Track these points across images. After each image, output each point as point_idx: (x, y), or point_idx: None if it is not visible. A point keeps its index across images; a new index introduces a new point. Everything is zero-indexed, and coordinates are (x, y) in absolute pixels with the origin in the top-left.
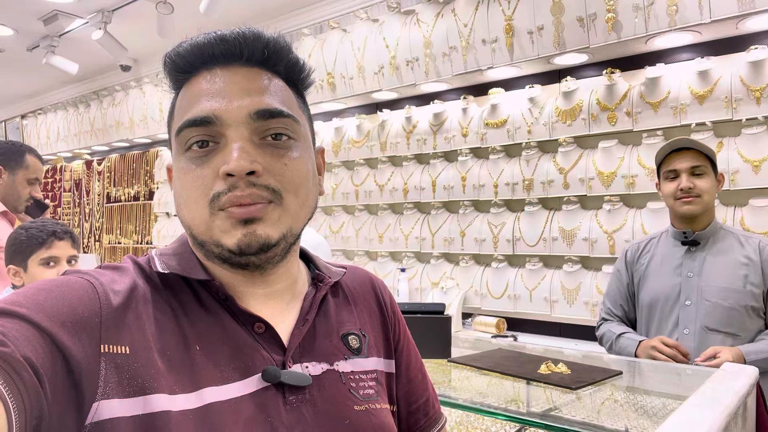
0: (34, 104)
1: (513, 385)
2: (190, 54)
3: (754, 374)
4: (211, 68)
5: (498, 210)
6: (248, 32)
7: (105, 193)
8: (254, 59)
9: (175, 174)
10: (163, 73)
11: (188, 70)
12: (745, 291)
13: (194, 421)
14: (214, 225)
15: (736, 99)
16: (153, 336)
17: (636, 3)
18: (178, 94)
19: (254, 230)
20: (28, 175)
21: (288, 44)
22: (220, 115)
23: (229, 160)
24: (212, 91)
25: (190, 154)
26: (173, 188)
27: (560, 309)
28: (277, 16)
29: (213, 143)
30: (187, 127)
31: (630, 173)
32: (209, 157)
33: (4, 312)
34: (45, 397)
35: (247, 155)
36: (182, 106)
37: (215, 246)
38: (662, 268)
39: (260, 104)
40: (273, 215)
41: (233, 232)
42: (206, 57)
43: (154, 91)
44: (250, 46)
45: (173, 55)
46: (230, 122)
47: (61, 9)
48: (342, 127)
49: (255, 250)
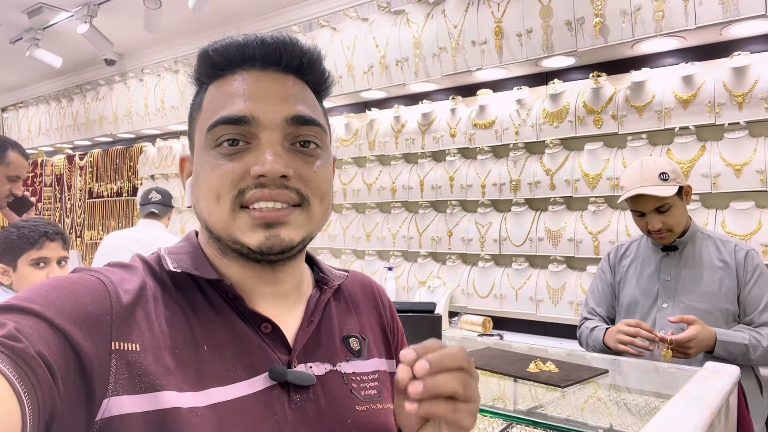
0: (15, 97)
1: (499, 383)
2: (228, 52)
3: (736, 373)
4: (249, 69)
5: (485, 210)
6: (288, 39)
7: (87, 188)
8: (291, 66)
9: (199, 167)
10: (151, 68)
11: (223, 68)
12: (720, 294)
13: (203, 419)
14: (233, 223)
15: (719, 104)
16: (163, 334)
17: (623, 8)
18: (207, 89)
19: (278, 233)
20: (8, 172)
21: (321, 56)
22: (257, 117)
23: (263, 162)
24: (249, 92)
25: (221, 150)
26: (191, 180)
27: (545, 308)
28: (266, 13)
29: (244, 143)
30: (222, 124)
31: (615, 175)
32: (240, 155)
33: (18, 308)
34: (57, 392)
35: (281, 159)
36: (216, 103)
37: (233, 242)
38: (641, 272)
39: (295, 111)
40: (298, 220)
41: (254, 233)
42: (245, 57)
43: (139, 86)
44: (289, 53)
45: (211, 50)
46: (266, 125)
47: (46, 2)
48: (330, 126)
49: (277, 251)
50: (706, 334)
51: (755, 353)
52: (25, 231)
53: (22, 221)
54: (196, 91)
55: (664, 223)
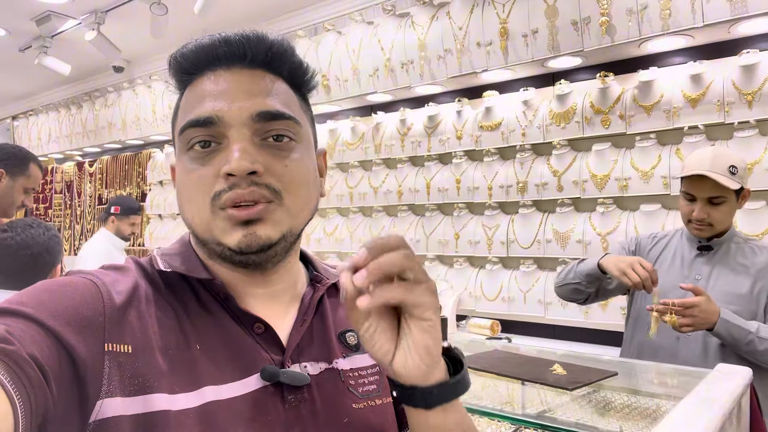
0: (25, 105)
1: (507, 386)
2: (194, 55)
3: (748, 375)
4: (215, 69)
5: (492, 212)
6: (252, 35)
7: (96, 194)
8: (257, 61)
9: (178, 173)
10: (159, 74)
11: (192, 71)
12: (751, 296)
13: (194, 420)
14: (214, 225)
15: (728, 102)
16: (155, 335)
17: (630, 7)
18: (183, 94)
19: (254, 231)
20: (27, 183)
21: (291, 47)
22: (222, 116)
23: (231, 160)
24: (215, 92)
25: (192, 154)
26: (176, 187)
27: (554, 311)
28: (272, 18)
29: (215, 143)
30: (189, 127)
31: (623, 176)
32: (211, 157)
33: (9, 311)
34: (50, 394)
35: (248, 155)
36: (185, 107)
37: (216, 245)
38: (672, 264)
39: (262, 106)
40: (274, 216)
41: (233, 232)
42: (210, 58)
43: (147, 93)
44: (254, 48)
45: (178, 56)
46: (232, 123)
47: (54, 9)
48: (336, 129)
49: (255, 249)
50: (711, 308)
51: (762, 345)
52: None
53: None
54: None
55: (710, 216)
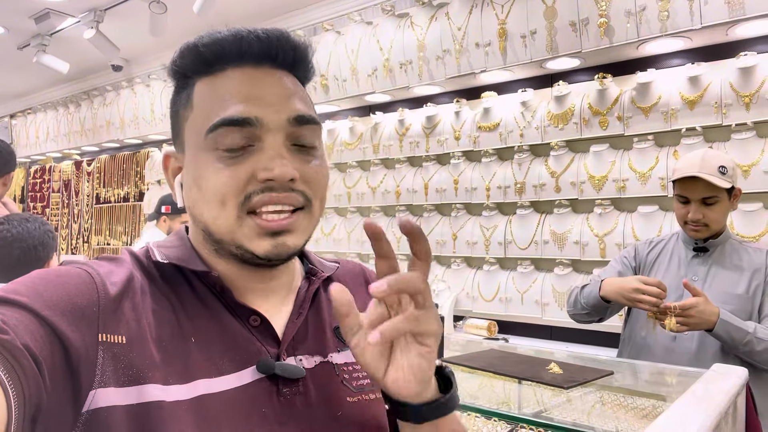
0: (23, 104)
1: (504, 385)
2: (222, 47)
3: (744, 375)
4: (243, 66)
5: (490, 213)
6: (281, 34)
7: (94, 193)
8: (285, 62)
9: (197, 170)
10: (157, 73)
11: (213, 63)
12: (747, 297)
13: (188, 412)
14: (239, 230)
15: (726, 104)
16: (149, 326)
17: (628, 8)
18: (194, 84)
19: (284, 241)
20: (6, 182)
21: (312, 48)
22: (262, 119)
23: (272, 167)
24: (251, 92)
25: (222, 154)
26: (185, 180)
27: (551, 312)
28: (271, 18)
29: (248, 145)
30: (224, 126)
31: (621, 177)
32: (244, 158)
33: (4, 300)
34: (44, 384)
35: (287, 162)
36: (212, 102)
37: (236, 248)
38: (669, 266)
39: (297, 110)
40: (302, 224)
41: (261, 241)
42: (240, 53)
43: (146, 92)
44: (283, 48)
45: (201, 45)
46: (270, 126)
47: (52, 7)
48: (335, 130)
49: (285, 258)
50: (710, 309)
51: (759, 345)
52: None
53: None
54: (176, 84)
55: (705, 216)
